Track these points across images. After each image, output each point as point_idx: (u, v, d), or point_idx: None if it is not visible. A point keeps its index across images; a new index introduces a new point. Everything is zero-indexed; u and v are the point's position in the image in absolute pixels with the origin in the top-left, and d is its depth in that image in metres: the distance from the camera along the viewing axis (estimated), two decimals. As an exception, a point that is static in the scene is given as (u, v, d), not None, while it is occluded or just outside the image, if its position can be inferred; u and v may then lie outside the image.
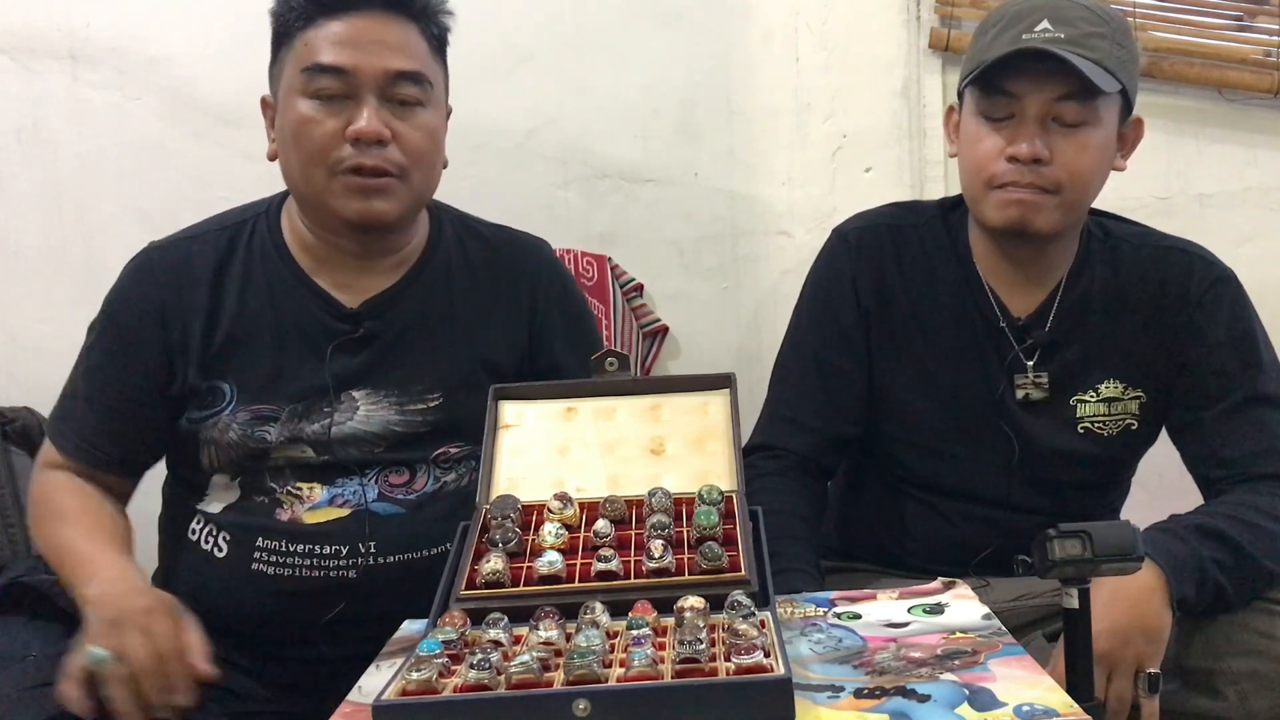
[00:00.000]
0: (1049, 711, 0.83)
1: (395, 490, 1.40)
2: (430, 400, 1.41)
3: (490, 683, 0.82)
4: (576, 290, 1.58)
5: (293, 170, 1.37)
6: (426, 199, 1.45)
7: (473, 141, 2.14)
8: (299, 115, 1.34)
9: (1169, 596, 1.26)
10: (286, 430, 1.38)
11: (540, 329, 1.49)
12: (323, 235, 1.42)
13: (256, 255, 1.44)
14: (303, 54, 1.34)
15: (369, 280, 1.43)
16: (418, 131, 1.36)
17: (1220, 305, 1.48)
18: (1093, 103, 1.38)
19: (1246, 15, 2.14)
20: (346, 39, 1.33)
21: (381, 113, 1.33)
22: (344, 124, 1.33)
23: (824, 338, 1.56)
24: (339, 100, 1.33)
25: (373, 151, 1.33)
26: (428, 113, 1.38)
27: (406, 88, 1.35)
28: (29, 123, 2.14)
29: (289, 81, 1.36)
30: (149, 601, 1.23)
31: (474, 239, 1.52)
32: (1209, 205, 2.16)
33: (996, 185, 1.41)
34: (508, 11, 2.14)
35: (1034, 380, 1.50)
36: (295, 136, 1.34)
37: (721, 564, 0.98)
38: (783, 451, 1.53)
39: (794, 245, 2.19)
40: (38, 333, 2.16)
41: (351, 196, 1.34)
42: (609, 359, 1.20)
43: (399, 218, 1.39)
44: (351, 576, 1.36)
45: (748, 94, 2.17)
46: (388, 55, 1.34)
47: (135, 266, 1.45)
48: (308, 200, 1.39)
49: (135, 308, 1.42)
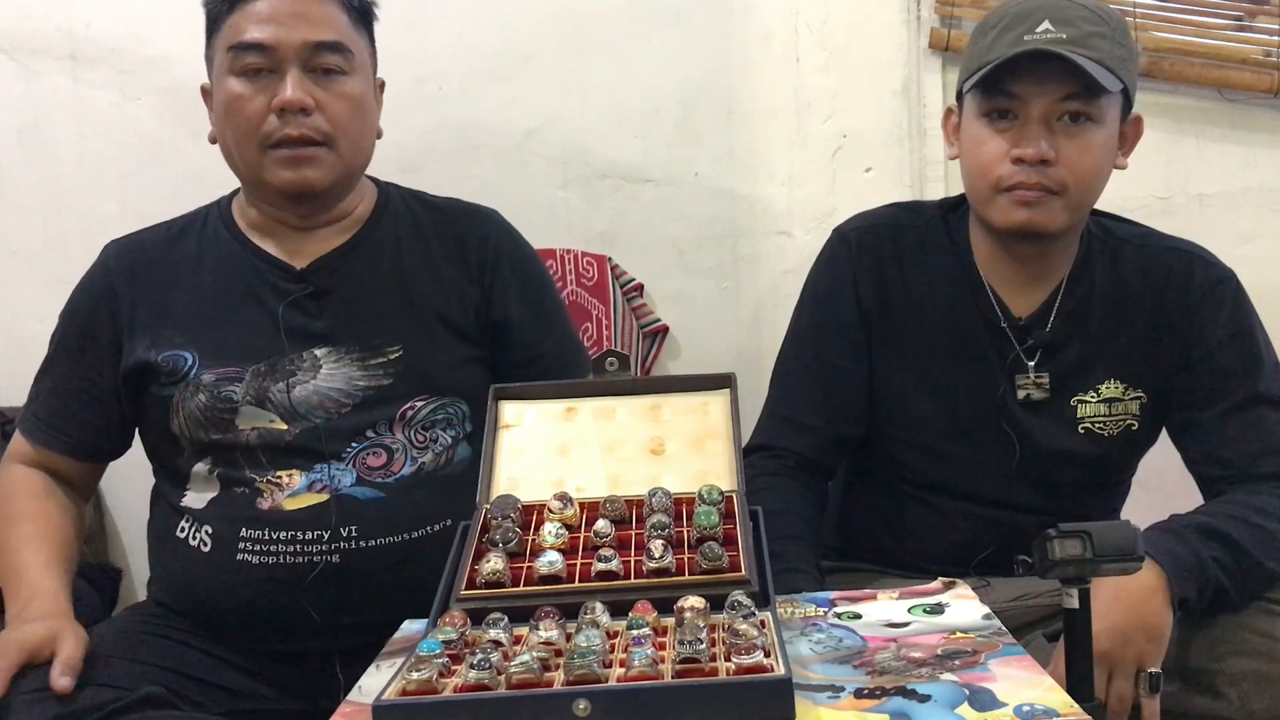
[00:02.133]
0: (1049, 711, 0.83)
1: (374, 474, 1.42)
2: (390, 353, 1.45)
3: (490, 683, 0.82)
4: (528, 249, 1.62)
5: (229, 148, 1.45)
6: (359, 166, 1.50)
7: (473, 141, 2.14)
8: (229, 93, 1.41)
9: (1170, 596, 1.26)
10: (251, 390, 1.41)
11: (491, 284, 1.53)
12: (265, 209, 1.49)
13: (210, 238, 1.51)
14: (229, 34, 1.41)
15: (315, 245, 1.49)
16: (342, 100, 1.43)
17: (1221, 305, 1.48)
18: (1096, 102, 1.38)
19: (1247, 15, 2.14)
20: (267, 16, 1.40)
21: (305, 83, 1.40)
22: (270, 97, 1.39)
23: (824, 338, 1.56)
24: (265, 75, 1.40)
25: (297, 120, 1.39)
26: (351, 80, 1.44)
27: (328, 57, 1.42)
28: (29, 123, 2.14)
29: (219, 63, 1.43)
30: (46, 632, 1.27)
31: (423, 206, 1.58)
32: (1209, 205, 2.16)
33: (1003, 188, 1.41)
34: (508, 12, 2.14)
35: (1035, 381, 1.50)
36: (227, 114, 1.42)
37: (722, 564, 0.98)
38: (783, 451, 1.53)
39: (794, 245, 2.18)
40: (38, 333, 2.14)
41: (282, 167, 1.41)
42: (609, 359, 1.20)
43: (331, 184, 1.45)
44: (334, 561, 1.38)
45: (748, 94, 2.17)
46: (306, 28, 1.40)
47: (94, 263, 1.54)
48: (244, 175, 1.46)
49: (90, 296, 1.50)
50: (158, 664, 1.34)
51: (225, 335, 1.44)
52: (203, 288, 1.47)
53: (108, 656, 1.32)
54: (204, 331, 1.44)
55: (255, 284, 1.46)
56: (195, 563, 1.41)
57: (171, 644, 1.39)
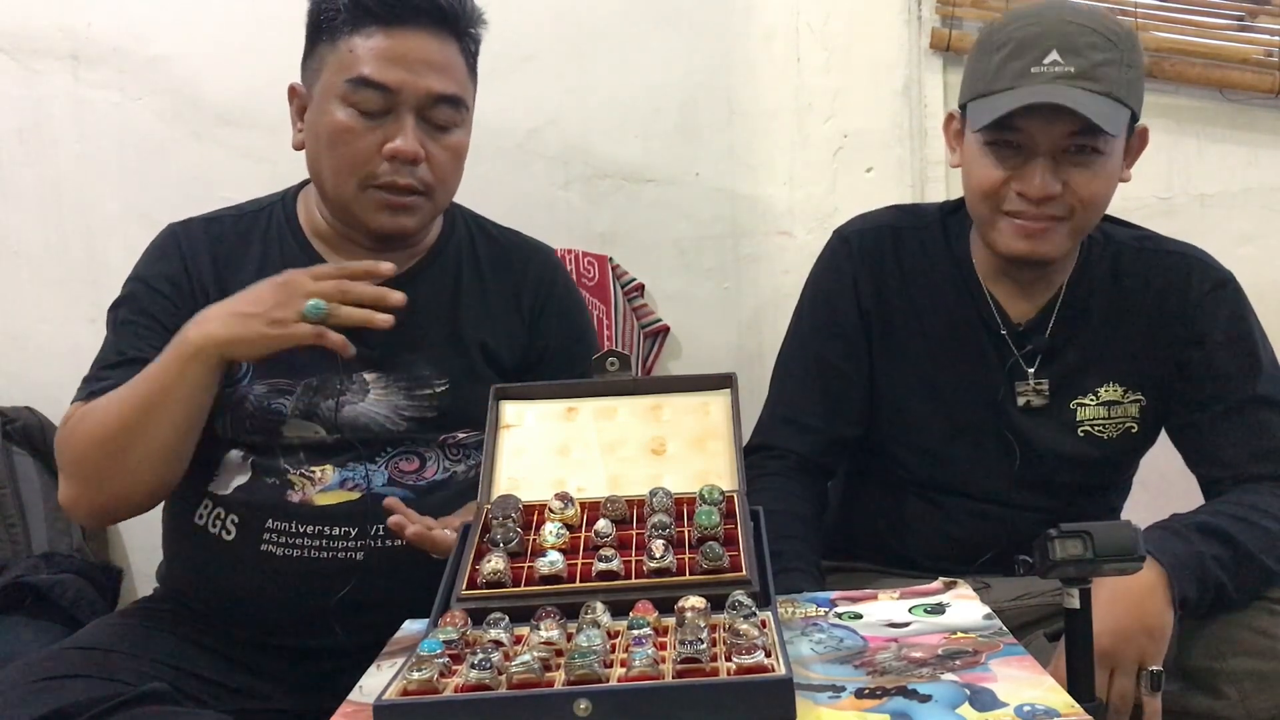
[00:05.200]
0: (1050, 711, 0.83)
1: (405, 476, 1.42)
2: (438, 386, 1.44)
3: (491, 682, 0.82)
4: (578, 296, 1.61)
5: (323, 172, 1.41)
6: (444, 208, 1.50)
7: (473, 141, 2.13)
8: (337, 123, 1.37)
9: (1170, 595, 1.26)
10: (301, 404, 1.40)
11: (536, 328, 1.52)
12: (342, 229, 1.46)
13: (274, 239, 1.48)
14: (348, 61, 1.36)
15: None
16: (448, 152, 1.41)
17: (1219, 307, 1.48)
18: (1103, 136, 1.35)
19: (1248, 15, 2.14)
20: (394, 55, 1.36)
21: (418, 132, 1.37)
22: (381, 140, 1.36)
23: (825, 339, 1.56)
24: (378, 115, 1.36)
25: (405, 170, 1.37)
26: (459, 133, 1.43)
27: (445, 111, 1.40)
28: (30, 123, 2.14)
29: (328, 84, 1.38)
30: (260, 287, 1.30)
31: (485, 238, 1.56)
32: (1210, 205, 2.16)
33: (1005, 211, 1.40)
34: (509, 12, 2.13)
35: (1034, 387, 1.50)
36: (331, 143, 1.38)
37: (722, 564, 0.98)
38: (783, 452, 1.53)
39: (795, 245, 2.18)
40: (39, 333, 2.16)
41: (380, 211, 1.39)
42: (610, 359, 1.20)
43: (419, 228, 1.44)
44: (358, 558, 1.38)
45: (748, 94, 2.17)
46: (431, 77, 1.37)
47: (159, 243, 1.49)
48: (334, 203, 1.43)
49: (162, 276, 1.45)
50: (161, 660, 1.34)
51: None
52: None
53: (110, 651, 1.32)
54: None
55: None
56: (215, 551, 1.40)
57: (176, 640, 1.39)
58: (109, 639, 1.35)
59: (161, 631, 1.40)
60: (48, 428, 2.07)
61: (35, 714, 1.17)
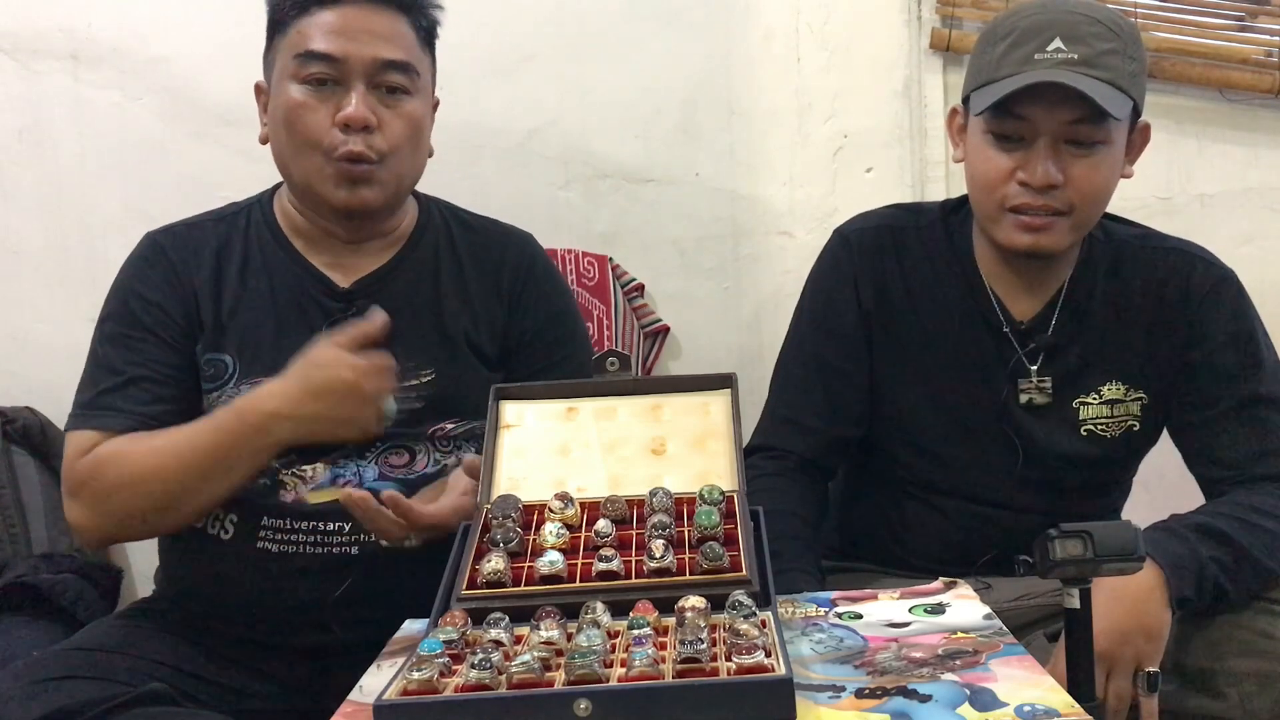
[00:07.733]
0: (1050, 711, 0.83)
1: (396, 471, 1.43)
2: (424, 376, 1.45)
3: (491, 682, 0.82)
4: (558, 280, 1.61)
5: (284, 153, 1.43)
6: (409, 185, 1.50)
7: (473, 141, 2.14)
8: (291, 100, 1.39)
9: (1169, 596, 1.26)
10: None
11: (516, 312, 1.52)
12: (314, 219, 1.47)
13: (254, 240, 1.49)
14: (296, 40, 1.40)
15: (360, 260, 1.48)
16: (401, 120, 1.42)
17: (1221, 306, 1.48)
18: (1105, 124, 1.36)
19: (1248, 15, 2.14)
20: (338, 27, 1.39)
21: (369, 99, 1.39)
22: (334, 110, 1.39)
23: (825, 339, 1.56)
24: (329, 86, 1.39)
25: (359, 138, 1.38)
26: (413, 101, 1.43)
27: (394, 76, 1.41)
28: (30, 123, 2.14)
29: (282, 67, 1.41)
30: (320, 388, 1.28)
31: (461, 226, 1.57)
32: (1210, 205, 2.16)
33: (1009, 207, 1.40)
34: (509, 11, 2.14)
35: (1037, 385, 1.50)
36: (287, 121, 1.40)
37: (723, 564, 0.98)
38: (784, 452, 1.53)
39: (795, 245, 2.18)
40: (39, 332, 2.16)
41: (340, 186, 1.40)
42: (610, 359, 1.20)
43: (383, 203, 1.44)
44: (353, 553, 1.39)
45: (748, 94, 2.17)
46: (377, 44, 1.39)
47: (142, 254, 1.49)
48: (298, 183, 1.44)
49: (153, 286, 1.45)
50: (161, 660, 1.34)
51: (266, 346, 1.42)
52: (248, 294, 1.45)
53: (110, 651, 1.32)
54: (247, 339, 1.43)
55: (300, 298, 1.45)
56: (213, 550, 1.41)
57: (176, 640, 1.39)
58: (109, 639, 1.35)
59: (161, 632, 1.40)
60: (48, 428, 2.07)
61: (35, 714, 1.17)
